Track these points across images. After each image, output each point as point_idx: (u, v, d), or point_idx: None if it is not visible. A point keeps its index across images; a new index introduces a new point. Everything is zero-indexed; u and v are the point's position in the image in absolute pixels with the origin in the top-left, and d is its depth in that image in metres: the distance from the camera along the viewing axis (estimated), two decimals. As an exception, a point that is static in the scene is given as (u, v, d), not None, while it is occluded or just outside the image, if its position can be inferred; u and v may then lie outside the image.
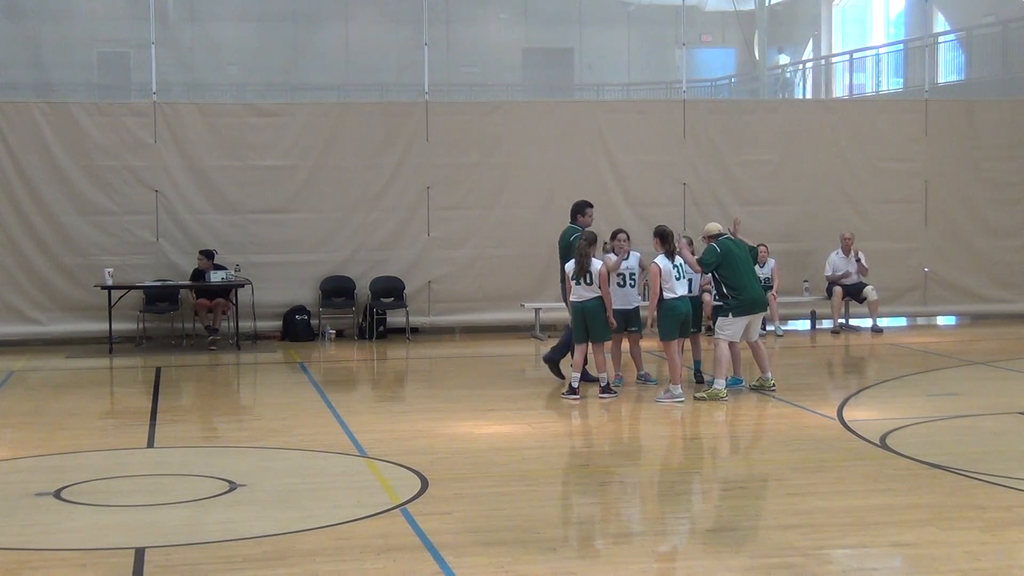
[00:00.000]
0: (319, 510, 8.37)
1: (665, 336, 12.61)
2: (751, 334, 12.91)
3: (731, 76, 32.49)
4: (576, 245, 12.75)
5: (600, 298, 12.57)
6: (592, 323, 12.63)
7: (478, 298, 18.38)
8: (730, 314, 12.64)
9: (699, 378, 13.43)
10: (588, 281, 12.55)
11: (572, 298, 12.73)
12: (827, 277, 18.53)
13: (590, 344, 12.78)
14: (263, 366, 16.18)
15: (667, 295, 12.52)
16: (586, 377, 13.14)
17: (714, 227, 12.97)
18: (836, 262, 18.53)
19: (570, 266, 12.69)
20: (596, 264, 12.58)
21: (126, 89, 25.24)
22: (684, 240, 13.17)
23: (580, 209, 13.62)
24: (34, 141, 17.35)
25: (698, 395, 12.67)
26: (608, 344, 13.13)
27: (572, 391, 12.72)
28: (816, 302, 18.85)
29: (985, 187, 19.68)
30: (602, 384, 12.82)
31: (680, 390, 12.54)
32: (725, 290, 12.69)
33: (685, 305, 12.59)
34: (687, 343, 13.15)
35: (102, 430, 11.92)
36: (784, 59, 31.15)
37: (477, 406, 12.57)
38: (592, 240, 12.70)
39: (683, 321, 12.60)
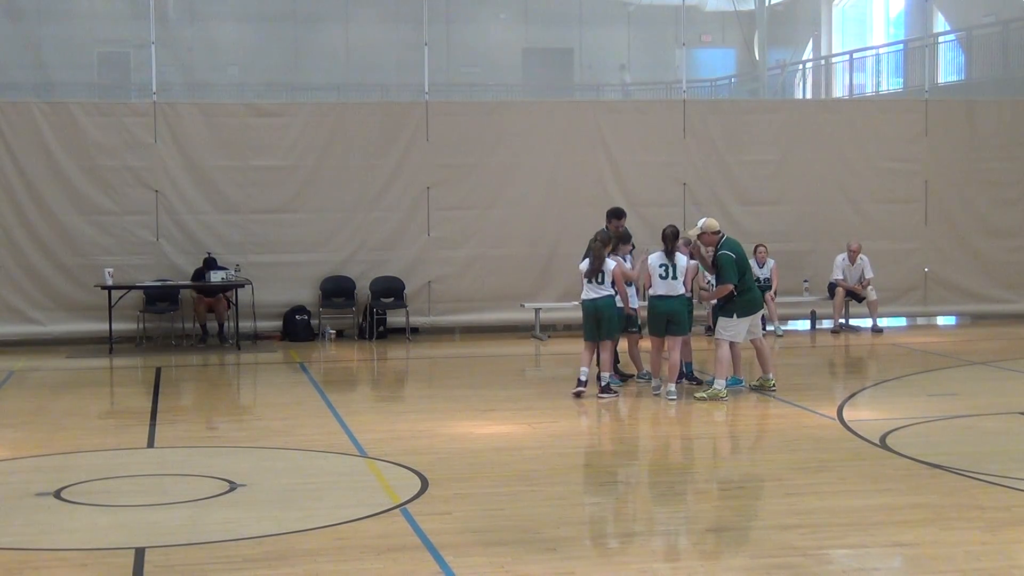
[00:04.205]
0: (319, 510, 8.37)
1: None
2: (753, 332, 12.91)
3: (731, 76, 32.47)
4: (592, 246, 12.93)
5: (610, 296, 12.67)
6: (603, 321, 12.71)
7: (478, 298, 18.38)
8: (735, 315, 12.62)
9: (691, 379, 13.42)
10: (600, 280, 12.65)
11: (583, 296, 12.87)
12: (834, 280, 18.43)
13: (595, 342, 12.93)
14: (263, 366, 16.18)
15: (649, 291, 12.75)
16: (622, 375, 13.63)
17: (715, 223, 12.95)
18: (843, 269, 18.43)
19: (584, 265, 12.85)
20: (610, 264, 12.72)
21: (126, 89, 25.21)
22: (684, 242, 13.17)
23: (607, 217, 13.79)
24: (34, 141, 17.35)
25: (698, 395, 12.67)
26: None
27: (607, 390, 12.79)
28: (816, 302, 18.84)
29: (985, 187, 19.68)
30: (602, 384, 12.85)
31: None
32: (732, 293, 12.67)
33: (664, 304, 12.60)
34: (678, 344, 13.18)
35: (102, 430, 11.92)
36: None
37: (477, 406, 12.57)
38: (606, 241, 12.86)
39: (663, 320, 12.63)
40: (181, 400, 13.79)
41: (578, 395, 12.79)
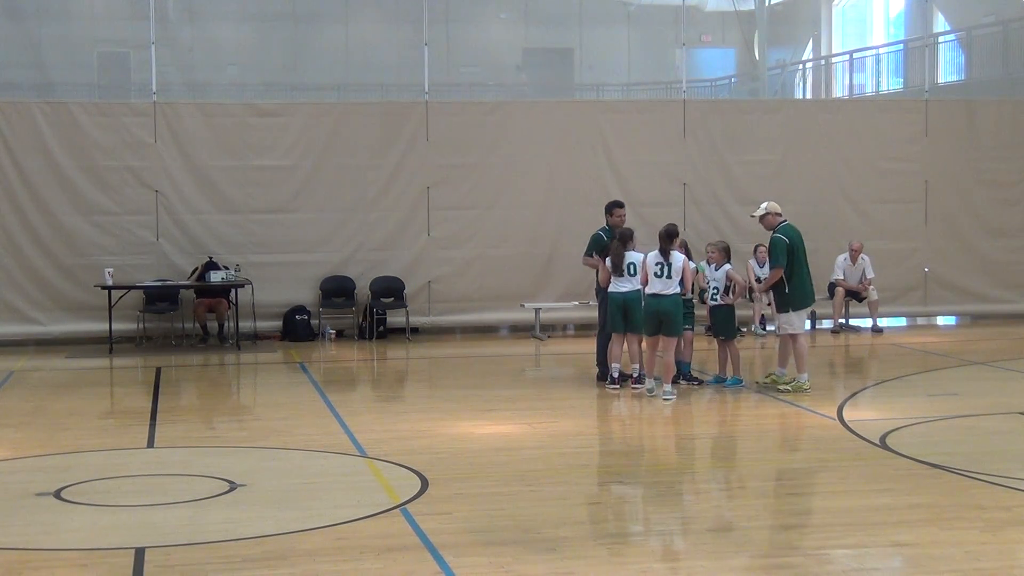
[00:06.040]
0: (319, 510, 8.37)
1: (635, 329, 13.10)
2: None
3: (731, 76, 32.49)
4: (593, 239, 13.54)
5: (639, 290, 12.84)
6: (631, 314, 12.88)
7: (478, 298, 18.37)
8: (790, 309, 12.74)
9: (688, 379, 13.42)
10: (631, 273, 12.85)
11: (611, 289, 13.03)
12: (834, 279, 18.45)
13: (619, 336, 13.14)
14: (263, 366, 16.17)
15: (646, 289, 12.86)
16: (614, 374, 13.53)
17: (777, 206, 13.13)
18: (844, 268, 18.44)
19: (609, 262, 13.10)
20: (637, 256, 12.89)
21: (126, 89, 25.22)
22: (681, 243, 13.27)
23: (608, 209, 13.93)
24: (34, 141, 17.35)
25: (781, 387, 12.77)
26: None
27: (613, 381, 13.09)
28: (816, 302, 18.78)
29: (985, 187, 19.68)
30: (635, 376, 13.08)
31: (652, 384, 12.76)
32: (784, 283, 12.74)
33: (656, 303, 12.71)
34: (673, 343, 13.19)
35: (102, 430, 11.92)
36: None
37: (477, 406, 12.57)
38: (625, 238, 13.02)
39: (656, 319, 12.70)
40: (181, 400, 13.79)
41: (613, 390, 13.06)
